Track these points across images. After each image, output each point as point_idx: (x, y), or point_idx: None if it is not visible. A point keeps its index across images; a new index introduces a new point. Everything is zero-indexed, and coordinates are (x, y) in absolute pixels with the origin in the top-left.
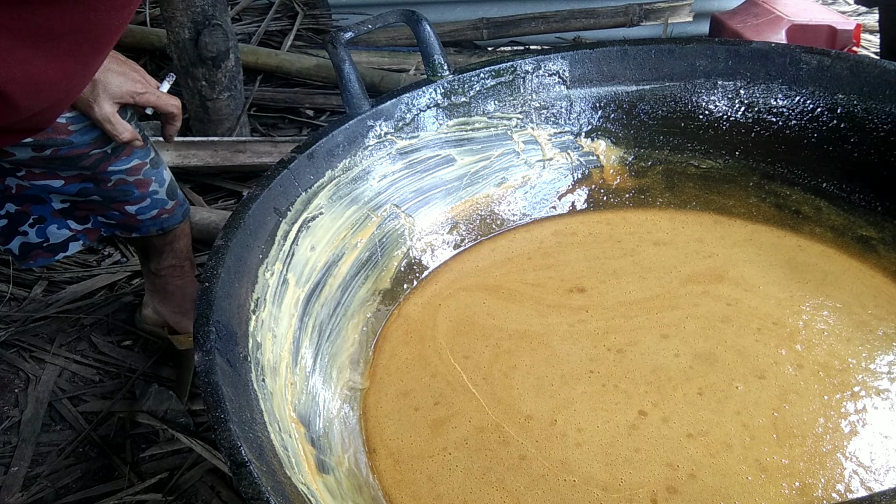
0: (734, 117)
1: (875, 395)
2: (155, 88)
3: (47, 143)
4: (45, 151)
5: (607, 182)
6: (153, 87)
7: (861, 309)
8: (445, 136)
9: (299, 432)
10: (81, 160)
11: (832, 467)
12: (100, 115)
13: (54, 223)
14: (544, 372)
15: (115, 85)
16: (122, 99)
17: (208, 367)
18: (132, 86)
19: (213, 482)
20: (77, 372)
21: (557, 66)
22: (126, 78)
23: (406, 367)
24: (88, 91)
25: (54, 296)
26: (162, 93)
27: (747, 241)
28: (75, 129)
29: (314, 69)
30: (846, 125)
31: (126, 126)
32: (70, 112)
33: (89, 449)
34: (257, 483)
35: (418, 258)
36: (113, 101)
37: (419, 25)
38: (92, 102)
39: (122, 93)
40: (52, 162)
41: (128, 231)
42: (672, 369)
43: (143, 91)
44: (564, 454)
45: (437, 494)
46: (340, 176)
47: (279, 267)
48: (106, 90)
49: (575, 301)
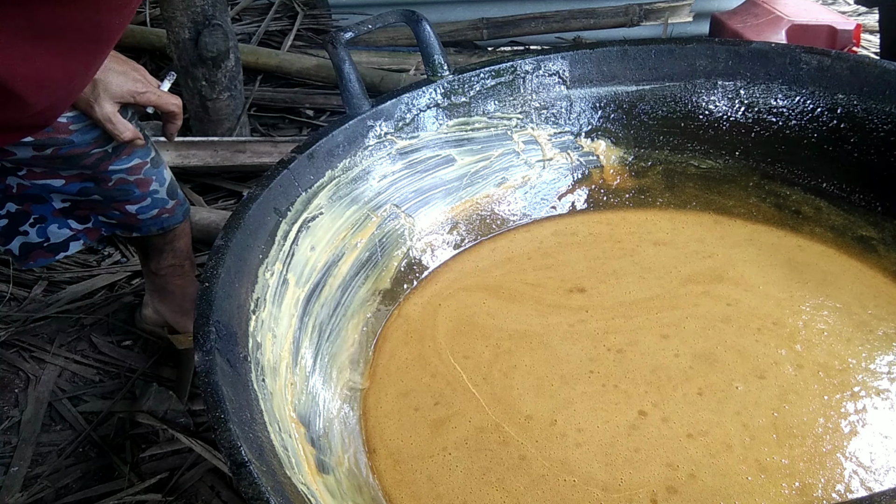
0: (734, 117)
1: (875, 395)
2: (156, 87)
3: (48, 142)
4: (46, 151)
5: (607, 182)
6: (154, 86)
7: (861, 309)
8: (445, 136)
9: (299, 432)
10: (82, 159)
11: (832, 467)
12: (100, 115)
13: (55, 223)
14: (544, 372)
15: (116, 84)
16: (123, 98)
17: (208, 367)
18: (133, 85)
19: (213, 482)
20: (77, 372)
21: (557, 66)
22: (127, 77)
23: (406, 367)
24: (89, 91)
25: (54, 296)
26: (163, 92)
27: (747, 241)
28: (76, 129)
29: (314, 69)
30: (846, 125)
31: (127, 125)
32: (71, 112)
33: (89, 449)
34: (257, 483)
35: (418, 258)
36: (113, 100)
37: (419, 25)
38: (92, 102)
39: (123, 92)
40: (52, 161)
41: (128, 230)
42: (672, 369)
43: (144, 90)
44: (564, 454)
45: (437, 494)
46: (340, 176)
47: (279, 267)
48: (106, 90)
49: (575, 301)
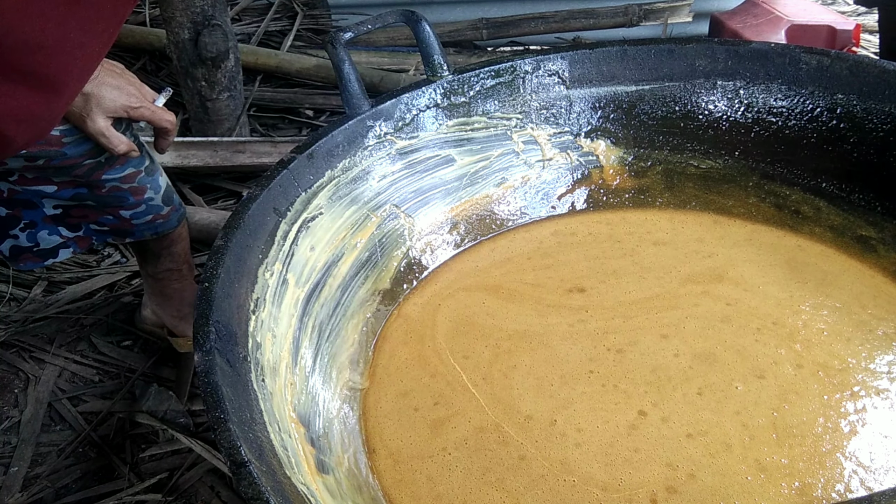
0: (734, 117)
1: (875, 395)
2: (150, 102)
3: (40, 154)
4: (38, 161)
5: (607, 182)
6: (149, 100)
7: (861, 309)
8: (445, 137)
9: (299, 432)
10: (74, 169)
11: (832, 467)
12: (93, 130)
13: (45, 229)
14: (544, 372)
15: (109, 99)
16: (116, 113)
17: (208, 367)
18: (126, 100)
19: (212, 482)
20: (77, 372)
21: (557, 66)
22: (121, 92)
23: (406, 367)
24: (81, 105)
25: (54, 296)
26: (157, 107)
27: (747, 241)
28: (68, 141)
29: (314, 69)
30: (846, 125)
31: (121, 138)
32: (63, 124)
33: (89, 449)
34: (257, 483)
35: (418, 258)
36: (106, 115)
37: (419, 25)
38: (85, 117)
39: (116, 107)
40: (45, 171)
41: (121, 236)
42: (672, 369)
43: (138, 105)
44: (564, 454)
45: (437, 494)
46: (340, 176)
47: (279, 267)
48: (99, 104)
49: (575, 301)
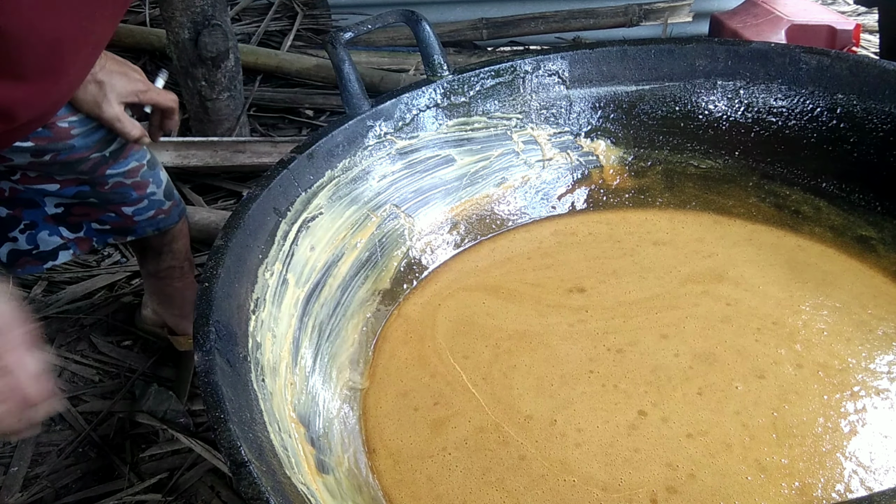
0: (734, 117)
1: (875, 395)
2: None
3: (48, 147)
4: (45, 157)
5: (607, 182)
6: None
7: (861, 309)
8: (445, 137)
9: (299, 432)
10: (80, 164)
11: (832, 467)
12: (110, 115)
13: (46, 229)
14: (544, 372)
15: (121, 85)
16: (128, 98)
17: (208, 367)
18: (135, 85)
19: (212, 482)
20: (77, 372)
21: (557, 66)
22: (128, 78)
23: (406, 367)
24: (96, 91)
25: (54, 296)
26: (160, 89)
27: (747, 241)
28: (77, 133)
29: (314, 69)
30: (846, 125)
31: (135, 123)
32: (73, 116)
33: (89, 449)
34: (257, 483)
35: (418, 258)
36: (120, 100)
37: (419, 25)
38: (101, 102)
39: (128, 92)
40: (50, 167)
41: (122, 235)
42: (672, 369)
43: (146, 89)
44: (564, 454)
45: (437, 494)
46: (340, 176)
47: (279, 267)
48: (113, 90)
49: (575, 301)
